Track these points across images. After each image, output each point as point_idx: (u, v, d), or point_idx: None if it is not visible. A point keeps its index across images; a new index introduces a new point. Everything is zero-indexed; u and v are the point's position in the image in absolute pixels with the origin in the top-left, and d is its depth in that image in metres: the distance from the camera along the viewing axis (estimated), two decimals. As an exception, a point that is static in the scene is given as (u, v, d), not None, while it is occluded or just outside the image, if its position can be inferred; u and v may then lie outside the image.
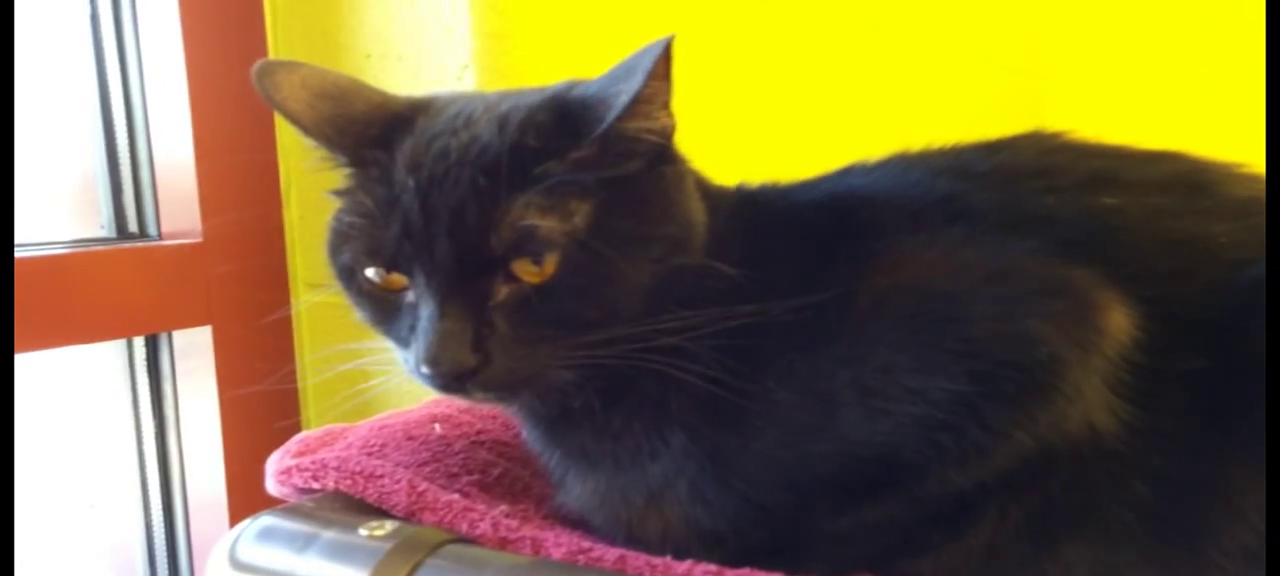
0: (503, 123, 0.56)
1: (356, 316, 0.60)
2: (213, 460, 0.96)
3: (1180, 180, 0.58)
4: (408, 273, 0.55)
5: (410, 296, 0.56)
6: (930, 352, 0.51)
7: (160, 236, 0.95)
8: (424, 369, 0.54)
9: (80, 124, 0.94)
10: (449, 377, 0.53)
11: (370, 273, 0.57)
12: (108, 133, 0.94)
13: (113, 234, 0.96)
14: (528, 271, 0.53)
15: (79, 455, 1.07)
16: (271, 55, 0.96)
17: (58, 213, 0.97)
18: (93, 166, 0.95)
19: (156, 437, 0.99)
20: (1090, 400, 0.51)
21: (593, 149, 0.54)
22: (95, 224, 0.96)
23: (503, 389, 0.55)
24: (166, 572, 1.01)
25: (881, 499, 0.54)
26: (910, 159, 0.63)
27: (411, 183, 0.55)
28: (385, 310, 0.57)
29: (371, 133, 0.58)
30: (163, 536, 1.01)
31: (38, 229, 0.99)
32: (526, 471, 0.70)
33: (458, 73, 0.88)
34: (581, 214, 0.54)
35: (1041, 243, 0.54)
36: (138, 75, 0.93)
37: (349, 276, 0.58)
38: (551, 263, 0.53)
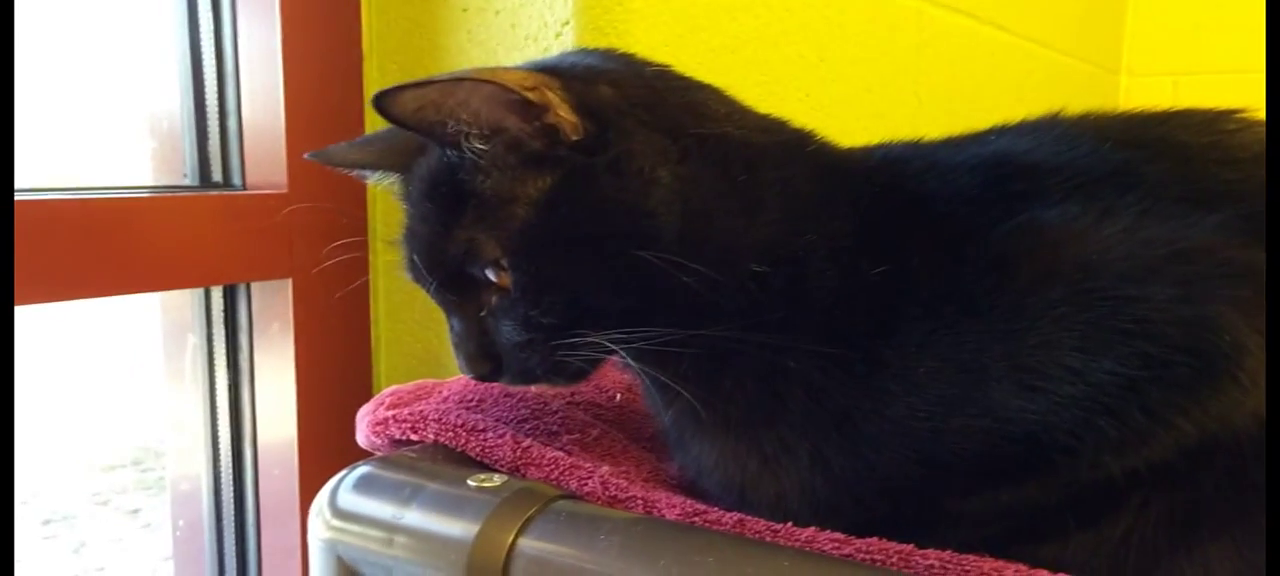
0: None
1: None
2: (286, 412, 0.96)
3: None
4: (427, 290, 0.59)
5: None
6: (1098, 331, 0.48)
7: (245, 186, 0.94)
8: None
9: (168, 68, 0.94)
10: (478, 381, 0.58)
11: None
12: (196, 79, 0.93)
13: (196, 182, 0.95)
14: (496, 277, 0.55)
15: (146, 401, 1.07)
16: (365, 11, 0.95)
17: (140, 157, 0.97)
18: (179, 113, 0.94)
19: (230, 388, 0.99)
20: (1265, 392, 0.49)
21: (500, 151, 0.54)
22: (178, 171, 0.96)
23: (529, 382, 0.58)
24: (233, 522, 1.01)
25: (1023, 481, 0.52)
26: (1068, 123, 0.60)
27: (408, 208, 0.59)
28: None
29: (405, 157, 0.61)
30: (230, 485, 1.01)
31: (118, 173, 0.99)
32: (623, 435, 0.70)
33: (557, 29, 0.85)
34: (518, 219, 0.54)
35: (1225, 220, 0.51)
36: (230, 24, 0.92)
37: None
38: (506, 267, 0.54)
